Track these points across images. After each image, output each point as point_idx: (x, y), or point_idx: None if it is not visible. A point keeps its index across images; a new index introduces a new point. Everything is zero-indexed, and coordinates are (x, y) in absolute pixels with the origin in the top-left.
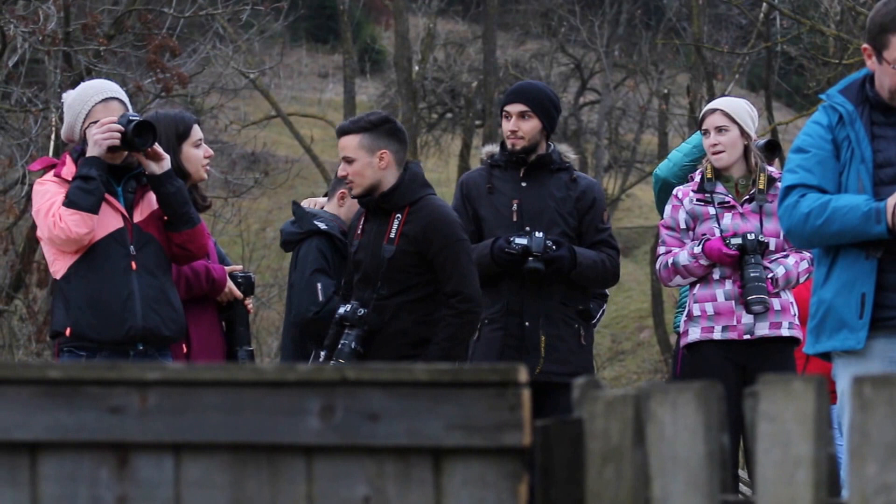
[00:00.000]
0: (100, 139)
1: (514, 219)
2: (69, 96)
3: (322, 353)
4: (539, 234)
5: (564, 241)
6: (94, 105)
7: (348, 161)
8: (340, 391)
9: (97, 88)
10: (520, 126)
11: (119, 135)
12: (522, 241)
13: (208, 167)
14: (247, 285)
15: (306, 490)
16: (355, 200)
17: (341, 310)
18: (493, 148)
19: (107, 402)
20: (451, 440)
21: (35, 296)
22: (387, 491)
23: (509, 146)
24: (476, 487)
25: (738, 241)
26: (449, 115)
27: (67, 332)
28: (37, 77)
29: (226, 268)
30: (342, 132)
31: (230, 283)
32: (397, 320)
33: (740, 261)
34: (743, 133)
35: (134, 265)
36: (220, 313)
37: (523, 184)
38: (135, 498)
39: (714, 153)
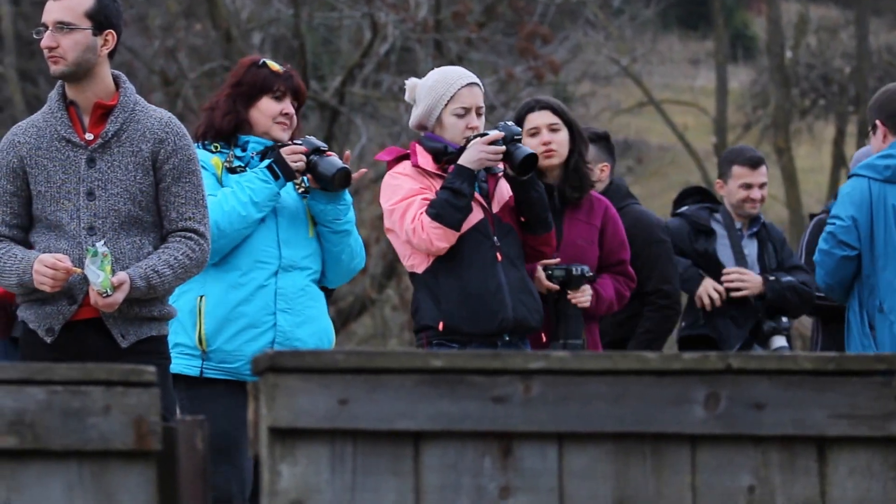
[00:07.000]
0: (484, 157)
1: None
2: (426, 80)
3: None
4: None
5: None
6: (460, 88)
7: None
8: (725, 380)
9: (459, 73)
10: None
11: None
12: None
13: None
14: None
15: (690, 480)
16: None
17: None
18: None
19: (490, 391)
20: (835, 429)
21: (407, 285)
22: (772, 480)
23: None
24: (862, 477)
25: None
26: (822, 101)
27: (440, 326)
28: (407, 65)
29: None
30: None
31: None
32: None
33: None
34: None
35: (499, 256)
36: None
37: None
38: (518, 488)
39: None
